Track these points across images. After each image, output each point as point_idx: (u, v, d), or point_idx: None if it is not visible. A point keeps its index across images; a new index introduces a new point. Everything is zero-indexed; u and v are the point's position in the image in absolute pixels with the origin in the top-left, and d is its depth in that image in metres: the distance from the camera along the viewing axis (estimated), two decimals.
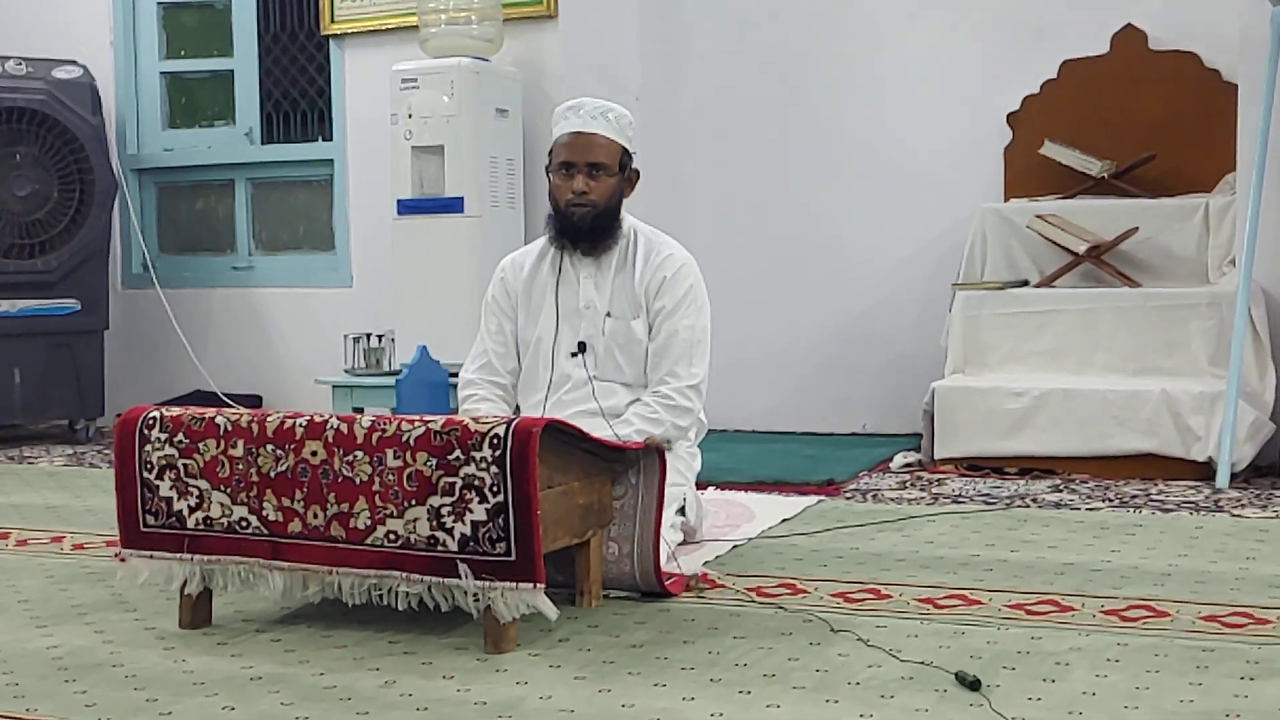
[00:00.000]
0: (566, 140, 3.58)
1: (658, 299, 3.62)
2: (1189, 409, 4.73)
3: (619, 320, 3.63)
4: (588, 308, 3.64)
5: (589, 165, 3.55)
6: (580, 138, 3.57)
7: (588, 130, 3.56)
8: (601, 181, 3.56)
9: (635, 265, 3.64)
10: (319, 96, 6.91)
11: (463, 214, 5.76)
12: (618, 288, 3.65)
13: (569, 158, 3.57)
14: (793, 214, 6.14)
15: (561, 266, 3.68)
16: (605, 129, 3.57)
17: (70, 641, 2.96)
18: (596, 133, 3.56)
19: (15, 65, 6.23)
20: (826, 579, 3.36)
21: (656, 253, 3.66)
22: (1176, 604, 3.05)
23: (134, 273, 7.16)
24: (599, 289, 3.65)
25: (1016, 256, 5.54)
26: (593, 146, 3.56)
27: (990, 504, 4.33)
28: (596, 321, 3.64)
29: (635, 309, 3.63)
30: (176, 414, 3.03)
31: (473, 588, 2.76)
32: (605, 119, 3.58)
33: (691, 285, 3.65)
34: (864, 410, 6.04)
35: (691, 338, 3.61)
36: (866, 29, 6.01)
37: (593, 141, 3.56)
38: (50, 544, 4.05)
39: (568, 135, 3.58)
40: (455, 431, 2.78)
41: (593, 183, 3.55)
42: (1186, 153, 5.47)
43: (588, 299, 3.64)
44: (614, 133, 3.58)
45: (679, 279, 3.63)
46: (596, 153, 3.56)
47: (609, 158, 3.57)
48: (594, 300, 3.64)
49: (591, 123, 3.57)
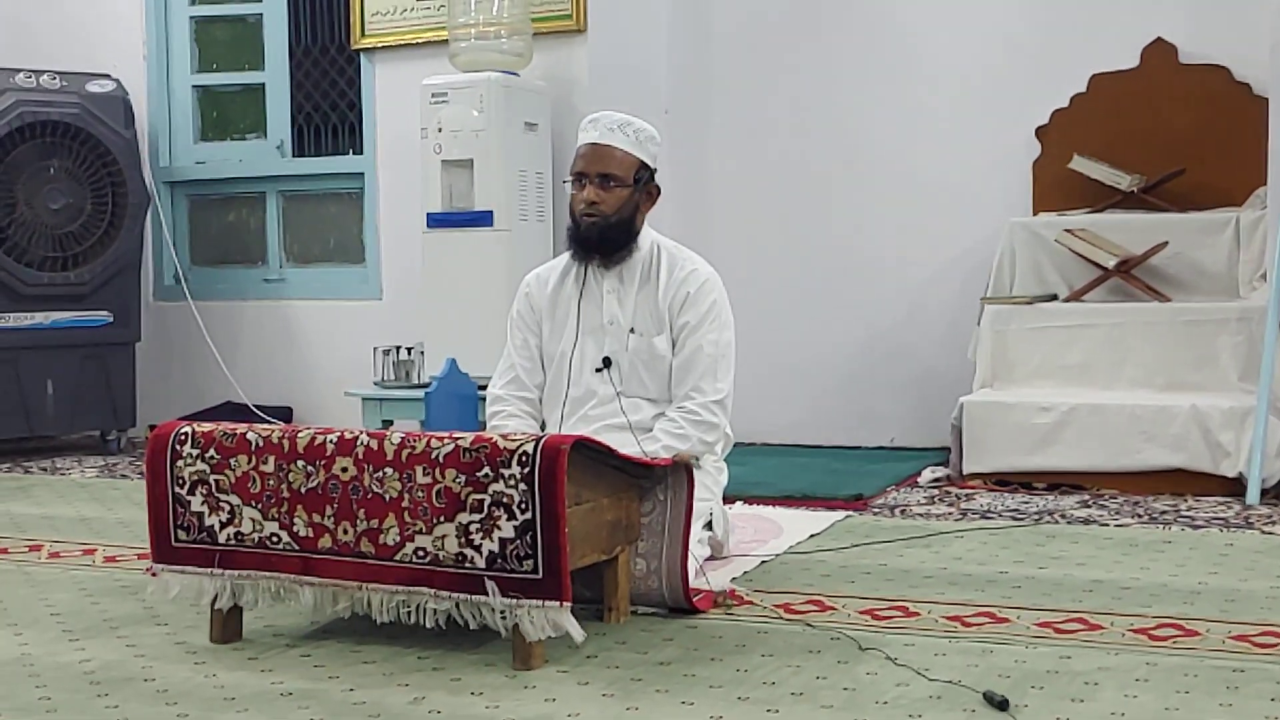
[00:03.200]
0: (583, 150, 3.61)
1: (681, 314, 3.62)
2: (1219, 424, 4.71)
3: (642, 337, 3.64)
4: (611, 323, 3.65)
5: (600, 176, 3.57)
6: (595, 148, 3.59)
7: (603, 142, 3.59)
8: (612, 193, 3.57)
9: (659, 280, 3.65)
10: (349, 110, 6.95)
11: (492, 227, 5.78)
12: (641, 303, 3.66)
13: (582, 168, 3.60)
14: (821, 227, 6.14)
15: (585, 281, 3.69)
16: (622, 142, 3.58)
17: (102, 655, 2.98)
18: (612, 145, 3.58)
19: (49, 79, 6.28)
20: (854, 595, 3.36)
21: (680, 268, 3.67)
22: (1206, 623, 3.04)
23: (166, 285, 7.21)
24: (622, 305, 3.66)
25: (1045, 271, 5.53)
26: (605, 157, 3.58)
27: (1018, 520, 4.32)
28: (620, 337, 3.65)
29: (659, 325, 3.64)
30: (208, 429, 3.05)
31: (500, 605, 2.77)
32: (624, 132, 3.59)
33: (715, 300, 3.65)
34: (891, 424, 6.03)
35: (716, 353, 3.62)
36: (895, 43, 6.01)
37: (606, 152, 3.58)
38: (82, 556, 4.08)
39: (585, 146, 3.61)
40: (484, 449, 2.79)
41: (603, 193, 3.57)
42: (1216, 167, 5.46)
43: (611, 314, 3.66)
44: (631, 146, 3.59)
45: (703, 294, 3.64)
46: (608, 163, 3.58)
47: (622, 170, 3.59)
48: (617, 316, 3.65)
49: (609, 135, 3.59)
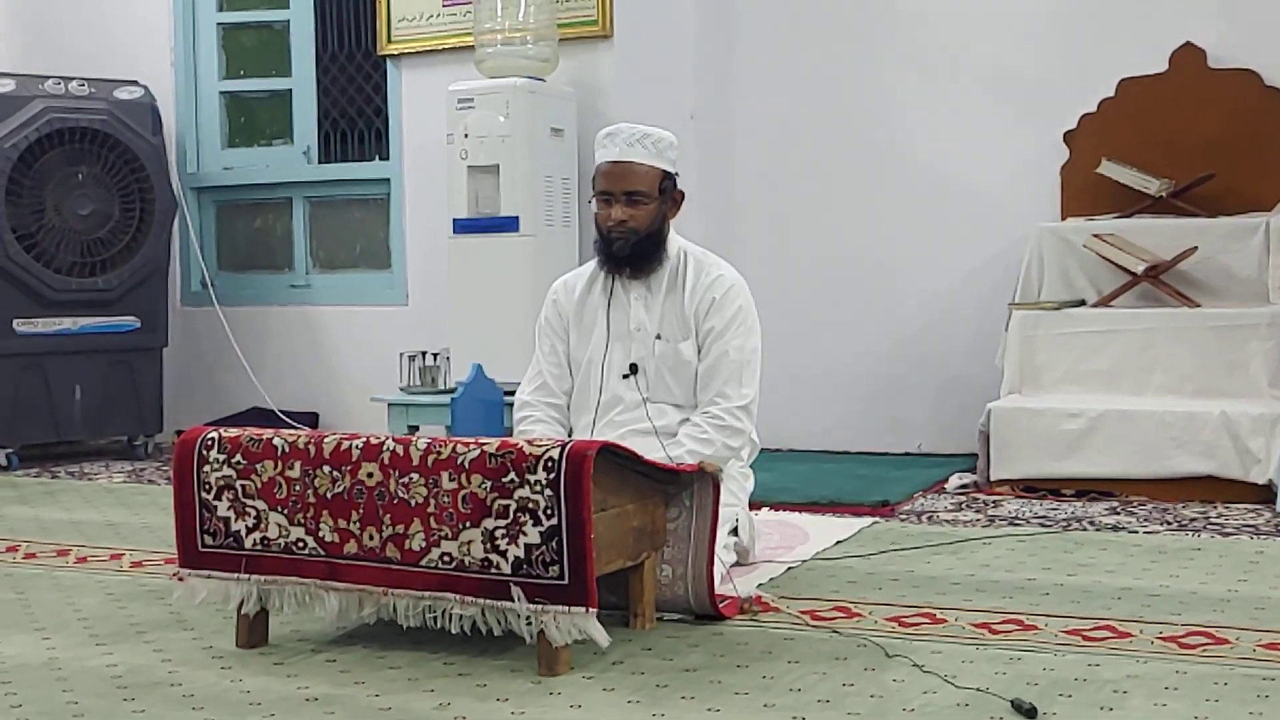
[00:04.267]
0: (605, 169, 3.60)
1: (707, 320, 3.62)
2: (1249, 431, 4.68)
3: (668, 343, 3.63)
4: (638, 330, 3.65)
5: (626, 194, 3.56)
6: (617, 166, 3.57)
7: (624, 159, 3.57)
8: (640, 209, 3.57)
9: (685, 286, 3.65)
10: (376, 116, 6.96)
11: (518, 233, 5.79)
12: (668, 309, 3.65)
13: (607, 187, 3.59)
14: (848, 233, 6.12)
15: (612, 289, 3.69)
16: (642, 155, 3.57)
17: (129, 660, 2.99)
18: (633, 160, 3.57)
19: (78, 86, 6.32)
20: (881, 602, 3.34)
21: (706, 274, 3.66)
22: (1236, 631, 3.01)
23: (193, 290, 7.24)
24: (649, 311, 3.66)
25: (1073, 276, 5.49)
26: (629, 175, 3.57)
27: (1047, 526, 4.30)
28: (647, 343, 3.65)
29: (685, 330, 3.63)
30: (234, 435, 3.06)
31: (525, 611, 2.77)
32: (642, 145, 3.58)
33: (741, 306, 3.65)
34: (919, 430, 6.01)
35: (741, 358, 3.61)
36: (922, 47, 5.99)
37: (629, 170, 3.57)
38: (109, 561, 4.09)
39: (606, 164, 3.60)
40: (510, 454, 2.79)
41: (631, 210, 3.56)
42: (1246, 171, 5.41)
43: (638, 321, 3.65)
44: (651, 158, 3.58)
45: (728, 300, 3.63)
46: (633, 180, 3.56)
47: (647, 184, 3.58)
48: (644, 322, 3.65)
49: (628, 150, 3.57)
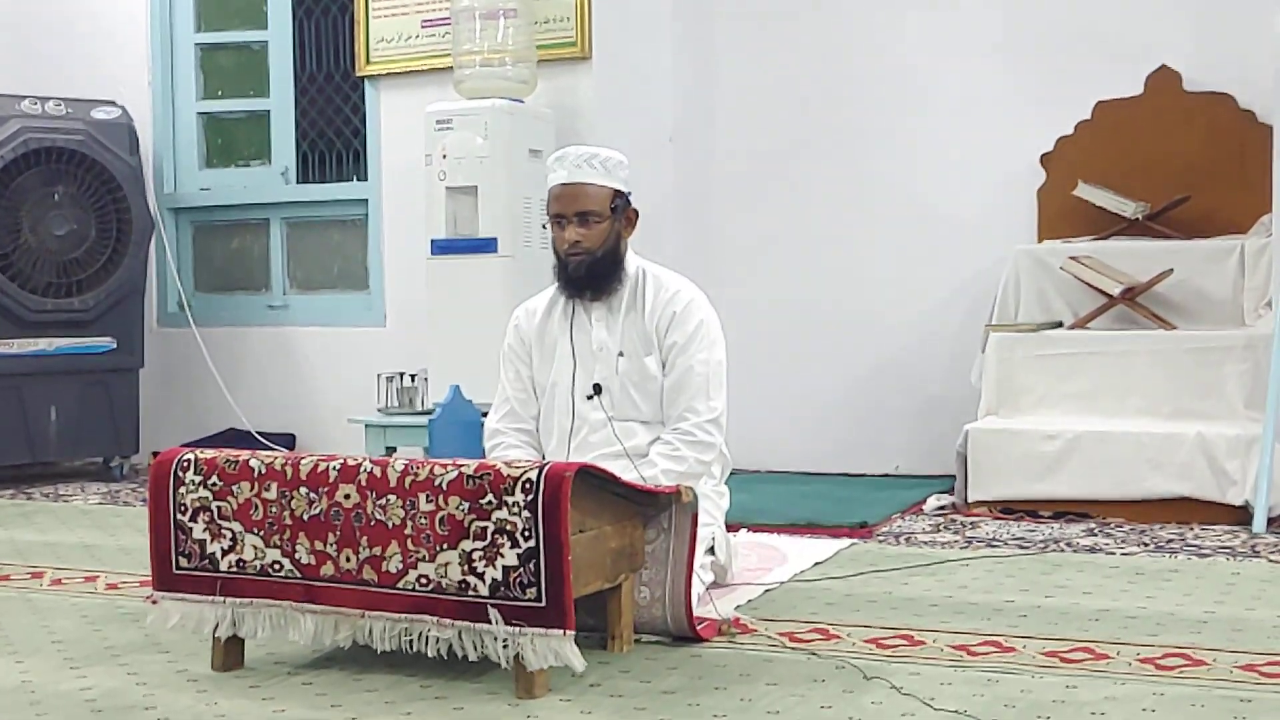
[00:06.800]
0: (557, 192, 3.61)
1: (669, 335, 3.62)
2: (1225, 452, 4.69)
3: (632, 359, 3.63)
4: (600, 350, 3.65)
5: (578, 214, 3.57)
6: (568, 188, 3.59)
7: (574, 180, 3.58)
8: (593, 228, 3.58)
9: (645, 303, 3.65)
10: (354, 137, 6.96)
11: (496, 254, 5.78)
12: (628, 327, 3.66)
13: (559, 209, 3.60)
14: (826, 255, 6.13)
15: (573, 312, 3.70)
16: (592, 175, 3.58)
17: (103, 683, 2.97)
18: (583, 181, 3.57)
19: (54, 106, 6.30)
20: (859, 624, 3.34)
21: (665, 289, 3.67)
22: (1214, 652, 3.02)
23: (169, 311, 7.21)
24: (610, 330, 3.66)
25: (1050, 298, 5.51)
26: (580, 195, 3.58)
27: (1024, 548, 4.30)
28: (610, 362, 3.64)
29: (647, 346, 3.64)
30: (210, 456, 3.04)
31: (503, 633, 2.75)
32: (590, 165, 3.59)
33: (702, 320, 3.65)
34: (896, 452, 6.01)
35: (707, 371, 3.61)
36: (900, 71, 6.01)
37: (580, 190, 3.58)
38: (84, 583, 4.06)
39: (557, 186, 3.61)
40: (488, 476, 2.78)
41: (584, 230, 3.57)
42: (1221, 194, 5.45)
43: (600, 341, 3.66)
44: (601, 177, 3.59)
45: (689, 314, 3.64)
46: (584, 201, 3.57)
47: (598, 204, 3.59)
48: (606, 342, 3.65)
49: (577, 171, 3.58)
